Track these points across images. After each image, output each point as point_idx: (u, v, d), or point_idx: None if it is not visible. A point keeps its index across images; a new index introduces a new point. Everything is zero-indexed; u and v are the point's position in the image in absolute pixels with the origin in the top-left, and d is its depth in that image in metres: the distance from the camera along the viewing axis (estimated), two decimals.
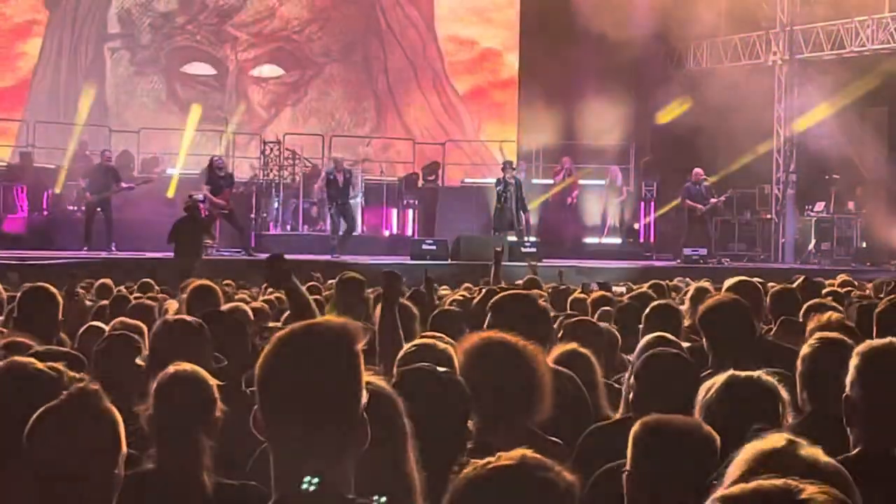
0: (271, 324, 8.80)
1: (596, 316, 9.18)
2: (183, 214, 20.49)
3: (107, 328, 7.39)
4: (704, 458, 3.82)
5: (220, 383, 4.47)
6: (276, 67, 24.15)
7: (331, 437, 2.85)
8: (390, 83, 26.93)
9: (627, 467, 3.84)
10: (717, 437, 3.94)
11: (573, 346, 6.38)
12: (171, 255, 21.19)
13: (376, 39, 26.45)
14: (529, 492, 2.61)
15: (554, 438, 4.63)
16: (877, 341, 4.57)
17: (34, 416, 3.39)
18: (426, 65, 27.45)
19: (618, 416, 5.62)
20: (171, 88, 23.77)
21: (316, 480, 2.71)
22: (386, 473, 3.28)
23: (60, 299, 6.98)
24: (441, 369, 4.19)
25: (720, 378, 4.38)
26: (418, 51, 26.70)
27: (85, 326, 7.72)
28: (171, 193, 26.27)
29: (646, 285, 12.60)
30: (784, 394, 4.38)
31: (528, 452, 2.68)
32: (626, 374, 6.10)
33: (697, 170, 26.98)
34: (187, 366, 4.41)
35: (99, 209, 23.84)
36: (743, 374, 4.48)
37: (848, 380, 4.33)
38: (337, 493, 2.87)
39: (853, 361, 4.37)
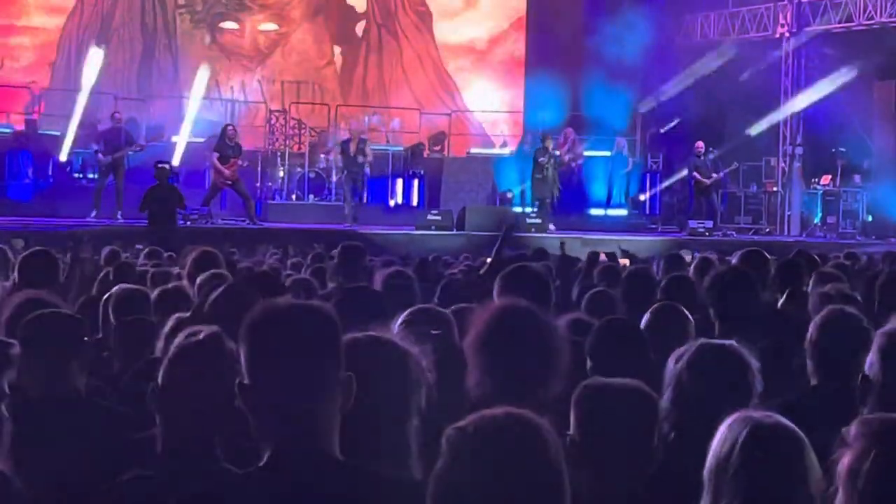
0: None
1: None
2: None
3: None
4: (646, 418, 3.82)
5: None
6: (273, 24, 31.52)
7: (315, 397, 2.97)
8: (405, 69, 32.48)
9: (570, 432, 3.83)
10: (657, 397, 3.94)
11: (578, 315, 6.36)
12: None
13: (394, 40, 32.53)
14: (517, 438, 2.65)
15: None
16: None
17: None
18: (427, 55, 32.74)
19: None
20: (213, 36, 31.04)
21: None
22: (386, 429, 3.29)
23: (61, 264, 6.98)
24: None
25: (690, 347, 4.35)
26: (422, 47, 32.69)
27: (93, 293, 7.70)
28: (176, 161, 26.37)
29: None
30: (754, 362, 4.34)
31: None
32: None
33: (699, 143, 26.91)
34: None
35: (111, 175, 23.78)
36: (713, 342, 4.45)
37: (868, 359, 4.26)
38: (322, 452, 2.96)
39: (876, 342, 4.30)
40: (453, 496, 2.65)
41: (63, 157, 25.84)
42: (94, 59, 26.78)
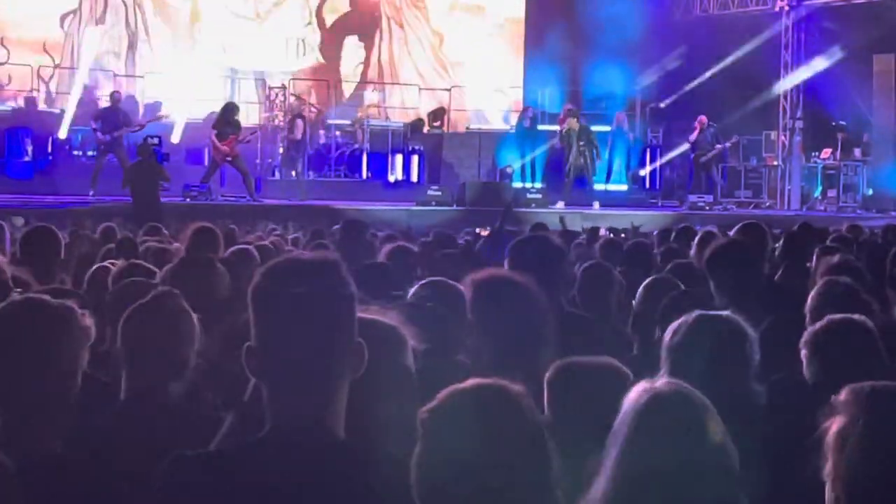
0: None
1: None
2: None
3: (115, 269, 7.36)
4: (619, 396, 3.81)
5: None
6: None
7: (325, 362, 2.86)
8: (409, 49, 32.64)
9: (545, 412, 3.80)
10: (629, 374, 3.92)
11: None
12: (177, 199, 21.39)
13: (400, 29, 32.71)
14: (490, 407, 2.63)
15: None
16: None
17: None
18: (427, 39, 32.99)
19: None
20: None
21: None
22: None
23: (62, 240, 6.97)
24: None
25: (687, 319, 4.34)
26: (423, 32, 32.95)
27: (94, 268, 7.69)
28: (175, 140, 26.43)
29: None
30: (751, 332, 4.33)
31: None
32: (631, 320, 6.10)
33: (702, 117, 26.87)
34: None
35: (111, 154, 23.72)
36: (709, 313, 4.44)
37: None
38: (328, 430, 2.87)
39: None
40: (436, 477, 2.62)
41: (62, 135, 25.80)
42: (91, 39, 26.85)
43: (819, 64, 27.93)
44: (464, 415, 2.64)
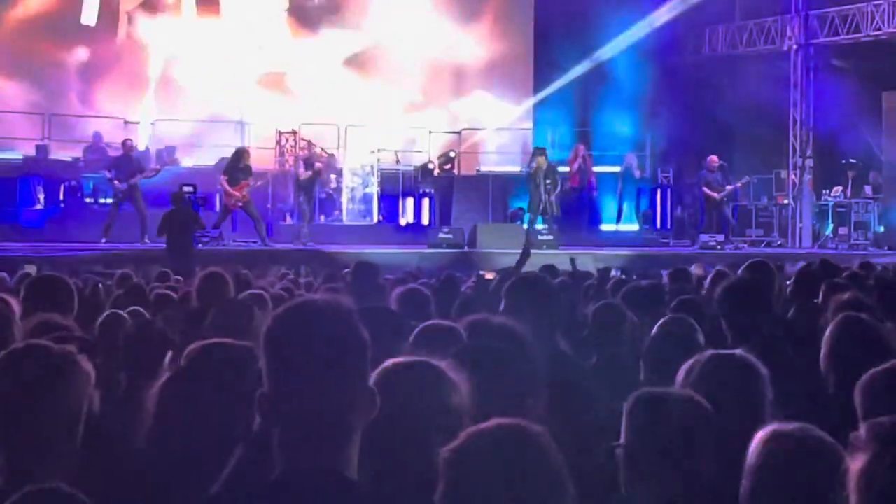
0: None
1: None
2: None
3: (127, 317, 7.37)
4: (699, 430, 3.79)
5: None
6: None
7: (337, 408, 2.84)
8: (420, 92, 32.34)
9: (622, 441, 3.81)
10: (709, 407, 3.90)
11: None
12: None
13: (410, 71, 32.14)
14: (512, 447, 2.64)
15: None
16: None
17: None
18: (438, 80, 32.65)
19: None
20: None
21: None
22: None
23: (73, 288, 6.95)
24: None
25: (700, 358, 4.34)
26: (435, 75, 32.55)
27: (105, 315, 7.68)
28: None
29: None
30: (764, 371, 4.33)
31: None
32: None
33: (712, 157, 26.87)
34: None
35: (127, 201, 23.77)
36: (722, 353, 4.44)
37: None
38: (339, 475, 2.85)
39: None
40: None
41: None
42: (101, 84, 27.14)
43: (828, 102, 27.96)
44: (485, 455, 2.65)
